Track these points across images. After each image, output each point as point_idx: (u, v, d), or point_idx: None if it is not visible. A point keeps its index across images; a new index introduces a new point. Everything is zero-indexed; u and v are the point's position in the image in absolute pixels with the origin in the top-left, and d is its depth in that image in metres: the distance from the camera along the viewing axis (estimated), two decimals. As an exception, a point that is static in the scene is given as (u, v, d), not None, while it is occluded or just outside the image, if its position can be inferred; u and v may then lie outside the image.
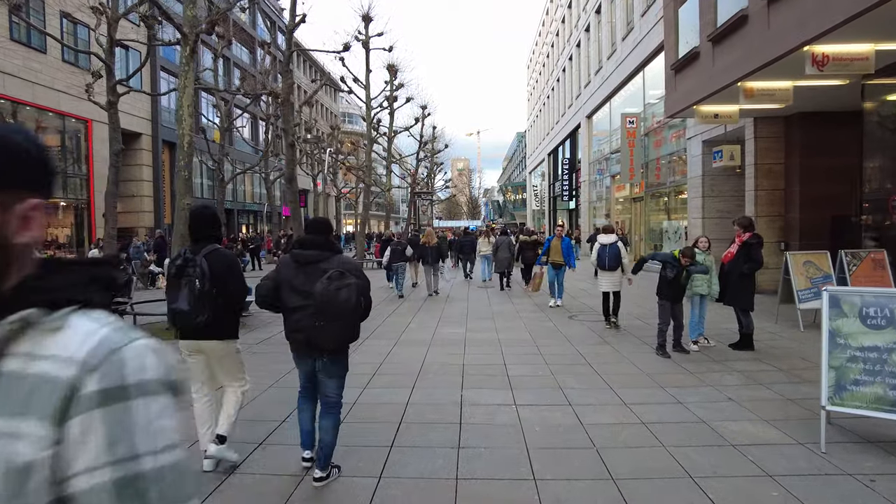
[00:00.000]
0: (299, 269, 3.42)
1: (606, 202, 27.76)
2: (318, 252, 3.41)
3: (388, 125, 27.20)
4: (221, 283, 3.47)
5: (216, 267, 3.47)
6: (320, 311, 3.21)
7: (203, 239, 3.63)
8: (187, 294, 3.38)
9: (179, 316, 3.42)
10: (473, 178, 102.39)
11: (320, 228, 3.55)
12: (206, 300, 3.39)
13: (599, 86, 26.43)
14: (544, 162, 45.57)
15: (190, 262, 3.46)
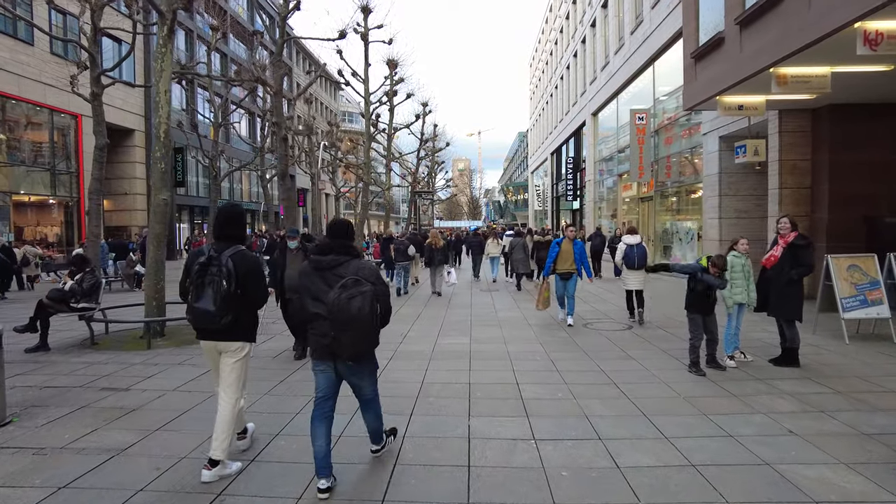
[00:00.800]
0: (318, 275, 3.33)
1: (612, 202, 26.96)
2: (336, 257, 3.33)
3: (388, 122, 26.42)
4: (244, 284, 3.42)
5: (241, 268, 3.41)
6: (334, 321, 3.12)
7: (227, 238, 3.55)
8: (212, 294, 3.32)
9: (203, 316, 3.36)
10: (474, 179, 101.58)
11: (340, 232, 3.44)
12: (230, 301, 3.34)
13: (606, 82, 25.62)
14: (547, 161, 44.75)
15: (214, 262, 3.38)
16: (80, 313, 7.34)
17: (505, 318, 9.88)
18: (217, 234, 3.60)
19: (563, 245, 9.10)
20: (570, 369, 6.12)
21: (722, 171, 14.18)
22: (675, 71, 18.28)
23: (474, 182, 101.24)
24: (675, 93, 18.18)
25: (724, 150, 14.12)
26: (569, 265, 9.05)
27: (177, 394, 5.29)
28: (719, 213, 14.24)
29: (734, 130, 13.32)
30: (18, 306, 11.70)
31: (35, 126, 23.37)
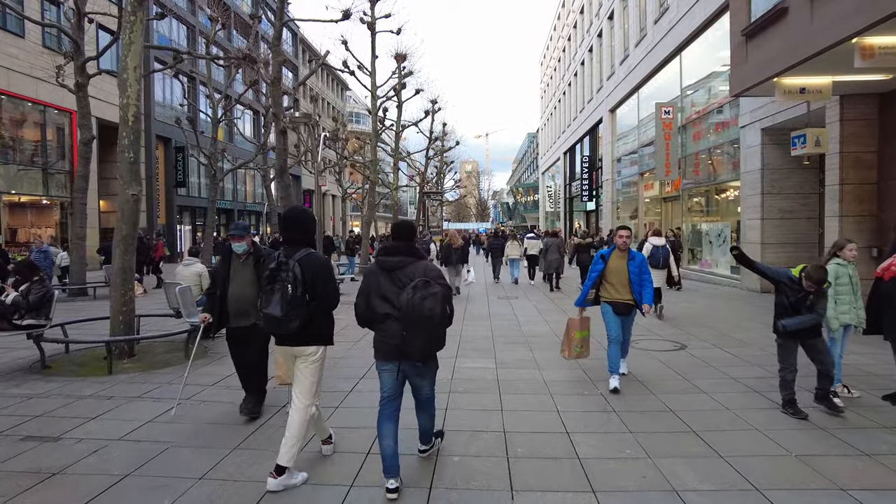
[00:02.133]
0: (384, 275, 3.38)
1: (632, 202, 25.59)
2: (402, 258, 3.38)
3: (396, 119, 25.19)
4: (313, 287, 3.42)
5: (308, 271, 3.40)
6: (406, 322, 3.16)
7: (296, 242, 3.55)
8: (279, 299, 3.32)
9: (272, 322, 3.36)
10: (482, 180, 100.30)
11: (405, 234, 3.52)
12: (298, 305, 3.34)
13: (625, 76, 24.29)
14: (559, 161, 43.41)
15: (283, 267, 3.38)
16: (27, 331, 6.10)
17: (532, 333, 8.57)
18: (285, 237, 3.57)
19: (611, 260, 5.66)
20: (631, 408, 4.81)
21: (764, 166, 12.84)
22: (704, 60, 16.97)
23: (482, 184, 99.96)
24: (706, 84, 16.85)
25: (768, 144, 12.78)
26: (624, 292, 5.57)
27: (121, 445, 4.03)
28: (761, 213, 12.89)
29: (780, 122, 11.99)
30: None
31: (27, 123, 22.28)
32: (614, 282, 5.55)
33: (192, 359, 5.23)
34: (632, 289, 5.51)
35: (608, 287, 5.59)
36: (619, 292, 5.53)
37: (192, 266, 7.80)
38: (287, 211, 3.69)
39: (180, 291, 7.12)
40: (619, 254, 5.63)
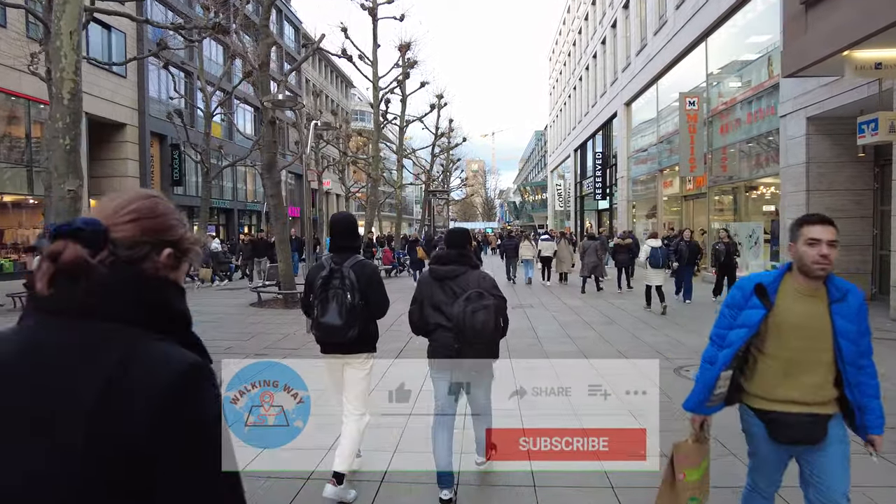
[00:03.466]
0: (437, 285, 3.34)
1: (650, 201, 24.22)
2: (454, 267, 3.33)
3: (400, 113, 23.90)
4: (366, 294, 3.35)
5: (362, 279, 3.34)
6: (458, 333, 3.11)
7: (345, 249, 3.47)
8: (336, 308, 3.26)
9: (331, 331, 3.28)
10: (489, 179, 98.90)
11: (458, 241, 3.44)
12: (355, 313, 3.26)
13: (642, 67, 22.90)
14: (569, 159, 42.03)
15: (336, 274, 3.33)
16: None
17: (556, 353, 7.26)
18: (334, 244, 3.52)
19: (785, 303, 2.26)
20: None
21: (810, 159, 11.45)
22: (734, 46, 15.60)
23: (488, 182, 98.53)
24: (736, 71, 15.47)
25: (814, 134, 11.39)
26: (811, 387, 2.22)
27: None
28: (807, 211, 11.46)
29: (830, 109, 10.60)
30: None
31: (12, 119, 21.11)
32: (791, 358, 2.23)
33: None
34: (841, 381, 2.20)
35: (769, 370, 2.27)
36: (802, 387, 2.21)
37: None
38: (336, 217, 3.62)
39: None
40: (804, 287, 2.25)
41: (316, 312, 3.34)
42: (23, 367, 0.86)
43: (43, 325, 0.89)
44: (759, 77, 13.94)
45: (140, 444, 0.81)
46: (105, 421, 0.81)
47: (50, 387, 0.83)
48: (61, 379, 0.84)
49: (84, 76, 18.77)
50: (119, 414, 0.81)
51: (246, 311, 11.37)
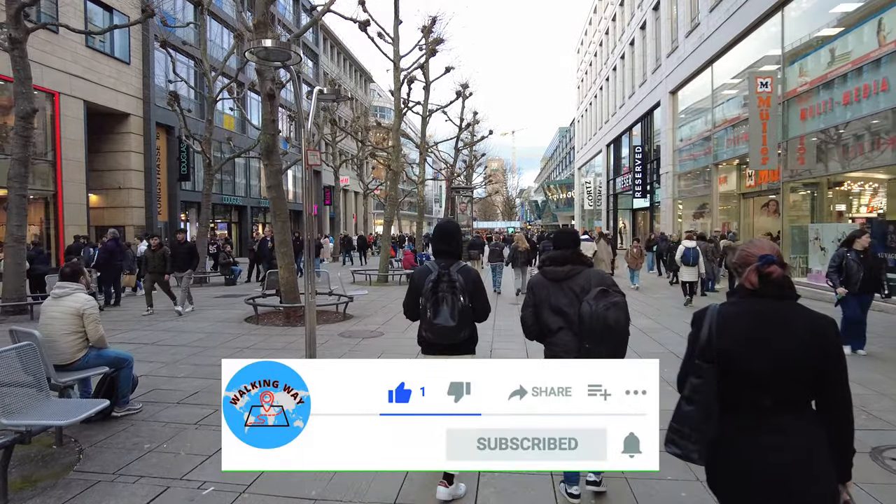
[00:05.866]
0: (554, 287, 3.33)
1: (700, 199, 21.75)
2: (572, 267, 3.32)
3: (423, 101, 21.72)
4: (473, 297, 3.39)
5: (468, 282, 3.39)
6: (589, 334, 3.07)
7: (448, 254, 3.50)
8: (448, 310, 3.31)
9: (445, 332, 3.32)
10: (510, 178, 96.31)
11: (569, 241, 3.43)
12: (466, 315, 3.33)
13: (693, 49, 20.45)
14: (600, 154, 39.53)
15: (444, 277, 3.36)
16: None
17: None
18: (437, 249, 3.55)
19: None
20: None
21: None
22: (820, 13, 13.18)
23: (510, 181, 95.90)
24: (826, 43, 12.99)
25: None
26: None
27: None
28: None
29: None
30: None
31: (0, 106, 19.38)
32: None
33: None
34: None
35: None
36: None
37: (70, 297, 4.44)
38: (443, 224, 3.68)
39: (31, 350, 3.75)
40: None
41: (428, 315, 3.35)
42: (760, 318, 1.92)
43: (753, 302, 1.94)
44: (861, 47, 11.51)
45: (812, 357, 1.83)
46: (806, 346, 1.83)
47: (783, 326, 1.88)
48: (786, 324, 1.88)
49: (83, 61, 16.85)
50: (811, 343, 1.83)
51: (236, 329, 9.30)
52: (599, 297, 3.09)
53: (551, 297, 3.30)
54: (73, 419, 3.40)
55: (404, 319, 3.73)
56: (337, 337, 8.51)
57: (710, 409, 1.91)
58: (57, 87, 20.38)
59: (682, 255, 11.97)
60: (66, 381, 4.21)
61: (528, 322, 3.39)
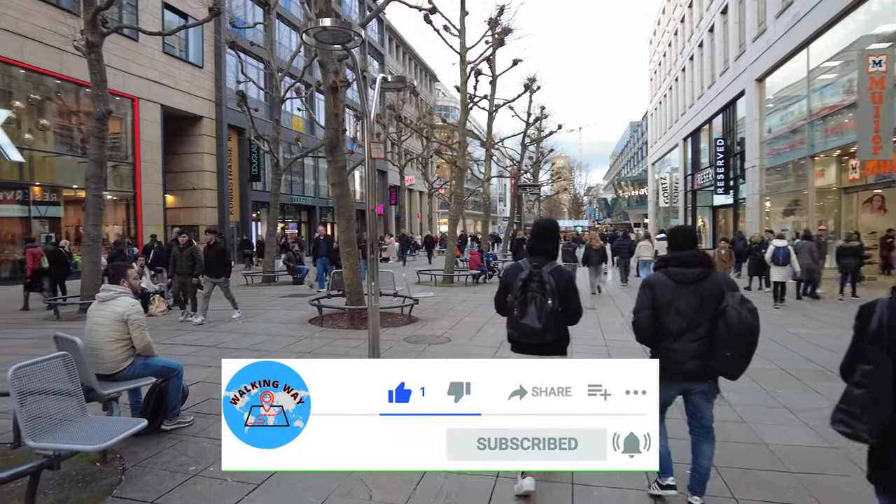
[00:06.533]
0: (680, 289, 3.14)
1: (787, 194, 19.94)
2: (701, 270, 3.13)
3: (490, 96, 21.06)
4: (564, 300, 3.32)
5: (560, 284, 3.31)
6: (736, 341, 2.89)
7: (543, 253, 3.44)
8: (535, 311, 3.24)
9: (529, 332, 3.26)
10: (577, 175, 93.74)
11: (690, 241, 3.25)
12: (555, 317, 3.26)
13: (785, 31, 18.71)
14: (676, 149, 37.47)
15: (535, 278, 3.30)
16: None
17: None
18: (534, 247, 3.49)
19: None
20: None
21: None
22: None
23: (578, 178, 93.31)
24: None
25: None
26: None
27: None
28: None
29: None
30: None
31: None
32: None
33: None
34: None
35: None
36: None
37: (114, 301, 4.09)
38: (541, 222, 3.67)
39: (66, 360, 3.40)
40: None
41: (516, 313, 3.30)
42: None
43: None
44: None
45: None
46: None
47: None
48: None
49: (160, 66, 17.28)
50: None
51: (300, 331, 8.99)
52: (742, 303, 2.90)
53: (677, 300, 3.10)
54: (102, 444, 3.00)
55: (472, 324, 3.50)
56: (402, 342, 8.01)
57: (881, 392, 1.99)
58: (137, 93, 21.16)
59: (772, 254, 11.54)
60: (109, 394, 3.87)
61: (644, 325, 3.17)
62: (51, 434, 3.05)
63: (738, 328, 2.85)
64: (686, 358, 3.04)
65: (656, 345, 3.20)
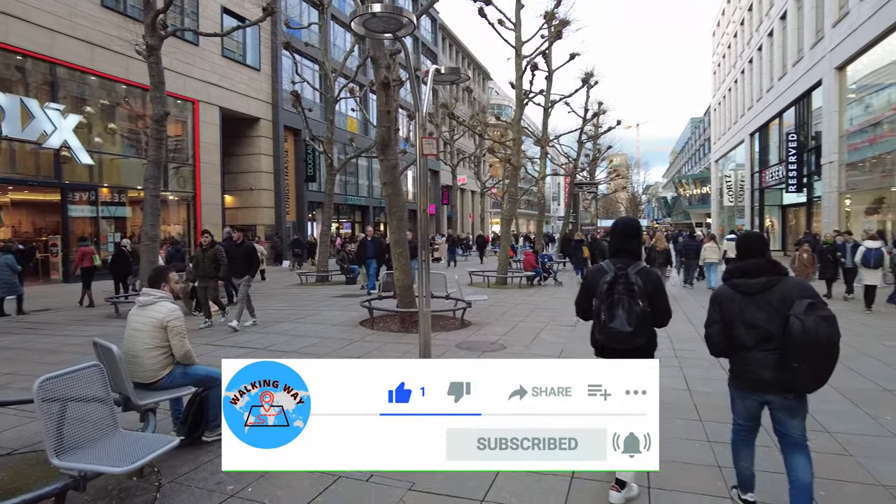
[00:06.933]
0: (747, 300, 2.98)
1: (870, 192, 18.39)
2: (767, 279, 2.96)
3: (545, 91, 20.42)
4: (652, 302, 3.19)
5: (648, 285, 3.18)
6: (799, 352, 2.73)
7: (627, 253, 3.32)
8: (624, 314, 3.11)
9: (619, 337, 3.13)
10: (635, 173, 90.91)
11: (759, 248, 3.09)
12: (644, 320, 3.12)
13: (872, 13, 17.24)
14: (742, 145, 35.57)
15: (621, 279, 3.16)
16: None
17: None
18: (617, 248, 3.38)
19: None
20: None
21: None
22: None
23: (636, 177, 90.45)
24: None
25: None
26: None
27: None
28: None
29: None
30: None
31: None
32: None
33: None
34: None
35: None
36: None
37: (154, 307, 3.89)
38: (623, 221, 3.53)
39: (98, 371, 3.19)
40: None
41: (603, 317, 3.19)
42: None
43: None
44: None
45: None
46: None
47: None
48: None
49: (219, 70, 17.62)
50: None
51: (351, 333, 8.76)
52: (809, 311, 2.75)
53: (744, 312, 2.96)
54: (128, 467, 2.75)
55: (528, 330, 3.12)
56: (454, 348, 7.64)
57: None
58: (196, 96, 21.69)
59: (863, 256, 10.87)
60: (146, 404, 3.66)
61: (716, 339, 3.07)
62: (78, 452, 2.84)
63: (801, 338, 2.69)
64: (761, 368, 2.92)
65: (732, 356, 3.07)
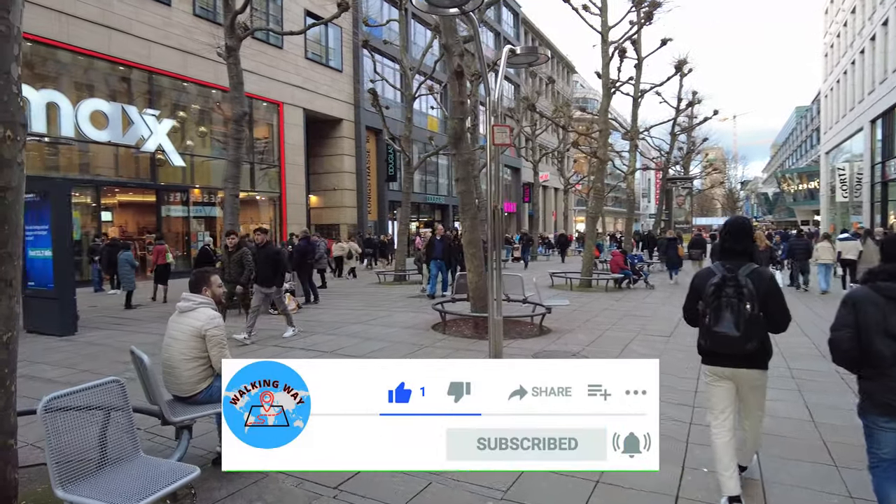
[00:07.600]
0: (892, 306, 2.65)
1: None
2: None
3: (635, 80, 19.14)
4: (765, 305, 3.02)
5: (761, 288, 3.00)
6: None
7: (738, 254, 3.15)
8: (732, 318, 2.96)
9: (725, 342, 3.00)
10: (732, 168, 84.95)
11: None
12: (756, 325, 2.96)
13: None
14: (860, 133, 31.94)
15: (730, 282, 3.02)
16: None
17: None
18: (726, 248, 3.20)
19: None
20: None
21: None
22: None
23: (733, 171, 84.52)
24: None
25: None
26: None
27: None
28: None
29: None
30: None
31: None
32: None
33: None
34: None
35: None
36: None
37: (192, 313, 3.55)
38: (734, 221, 3.34)
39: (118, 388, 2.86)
40: None
41: (708, 321, 3.07)
42: None
43: None
44: None
45: None
46: None
47: None
48: None
49: (303, 72, 17.91)
50: None
51: (422, 338, 8.32)
52: None
53: (888, 319, 2.63)
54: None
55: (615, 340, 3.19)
56: (530, 359, 6.98)
57: None
58: (281, 98, 22.24)
59: None
60: (181, 421, 3.32)
61: (845, 346, 2.70)
62: (87, 481, 2.49)
63: None
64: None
65: (861, 371, 2.71)
